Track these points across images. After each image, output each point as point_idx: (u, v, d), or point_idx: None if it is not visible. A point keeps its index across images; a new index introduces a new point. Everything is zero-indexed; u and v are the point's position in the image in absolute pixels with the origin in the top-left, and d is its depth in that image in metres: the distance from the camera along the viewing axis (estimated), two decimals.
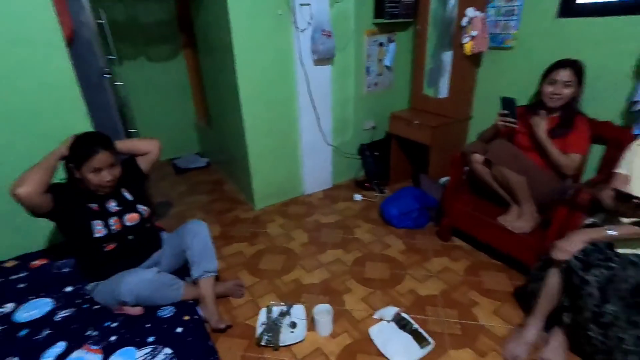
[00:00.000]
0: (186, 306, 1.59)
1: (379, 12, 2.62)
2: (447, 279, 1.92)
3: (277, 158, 2.68)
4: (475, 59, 2.38)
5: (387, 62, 2.88)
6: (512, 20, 2.17)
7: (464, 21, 2.20)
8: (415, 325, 1.58)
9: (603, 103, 1.87)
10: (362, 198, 2.81)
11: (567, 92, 1.75)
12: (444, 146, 2.51)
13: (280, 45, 2.37)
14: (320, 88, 2.62)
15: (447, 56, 2.45)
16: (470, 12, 2.17)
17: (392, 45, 2.85)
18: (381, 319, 1.65)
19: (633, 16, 1.71)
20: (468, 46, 2.24)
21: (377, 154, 2.99)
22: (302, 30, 2.39)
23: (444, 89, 2.54)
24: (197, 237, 1.72)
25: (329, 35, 2.41)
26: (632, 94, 1.73)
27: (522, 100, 2.10)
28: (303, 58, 2.45)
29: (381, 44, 2.82)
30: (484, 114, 2.48)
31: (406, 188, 2.53)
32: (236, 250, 2.24)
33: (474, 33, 2.18)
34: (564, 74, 1.73)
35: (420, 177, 2.68)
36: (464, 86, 2.47)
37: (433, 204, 2.40)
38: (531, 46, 2.13)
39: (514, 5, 2.14)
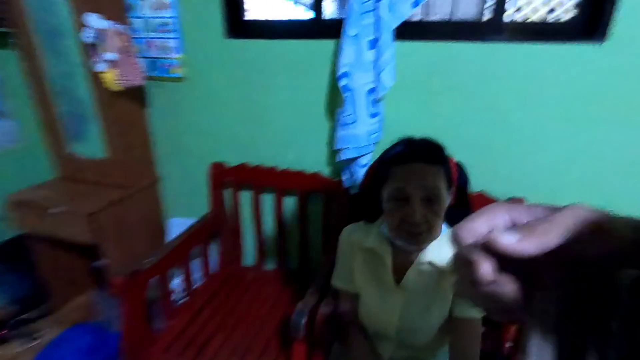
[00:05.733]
0: None
1: None
2: None
3: None
4: (136, 95, 1.53)
5: None
6: (171, 38, 1.45)
7: (88, 36, 1.29)
8: None
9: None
10: None
11: None
12: (126, 238, 1.54)
13: None
14: None
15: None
16: (95, 20, 1.28)
17: None
18: None
19: (309, 40, 1.32)
20: (109, 77, 1.35)
21: (18, 264, 1.66)
22: None
23: (98, 145, 1.55)
24: None
25: None
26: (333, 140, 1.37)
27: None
28: None
29: None
30: (179, 171, 1.69)
31: (75, 328, 1.38)
32: None
33: (111, 56, 1.31)
34: None
35: (94, 297, 1.59)
36: (131, 138, 1.57)
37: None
38: (206, 75, 1.49)
39: (166, 17, 1.42)
